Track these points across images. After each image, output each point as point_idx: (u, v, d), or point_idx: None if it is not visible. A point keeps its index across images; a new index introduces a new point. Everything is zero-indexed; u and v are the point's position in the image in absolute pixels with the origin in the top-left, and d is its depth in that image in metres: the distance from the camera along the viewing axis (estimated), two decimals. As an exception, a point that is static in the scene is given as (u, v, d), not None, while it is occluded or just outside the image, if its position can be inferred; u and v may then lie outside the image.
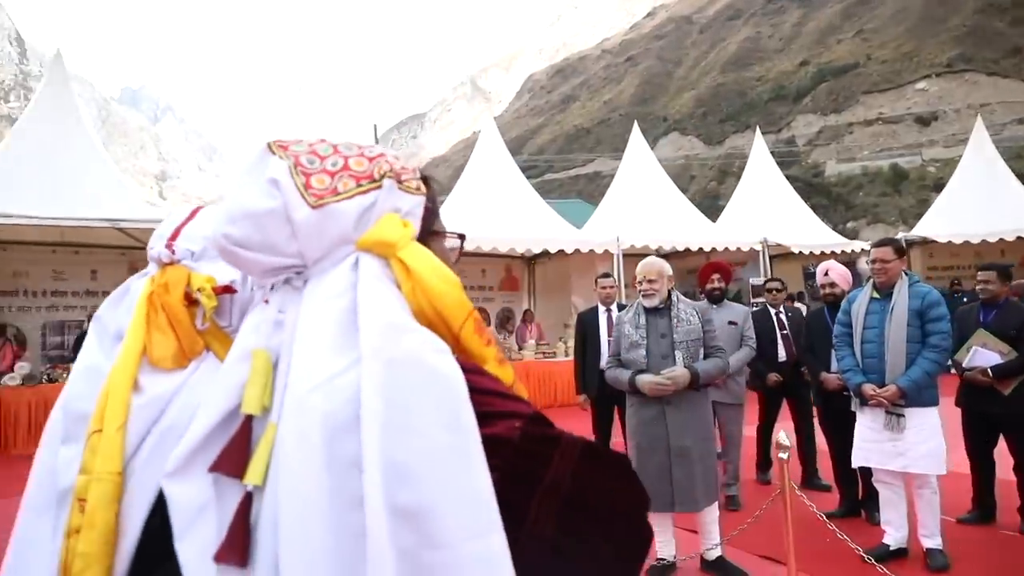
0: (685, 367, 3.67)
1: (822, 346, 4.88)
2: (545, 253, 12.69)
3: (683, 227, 12.87)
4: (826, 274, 5.03)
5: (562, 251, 11.73)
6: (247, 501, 0.76)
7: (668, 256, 14.28)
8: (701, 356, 3.79)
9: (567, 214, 14.86)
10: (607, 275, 6.12)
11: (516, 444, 0.78)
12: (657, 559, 3.94)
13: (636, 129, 14.39)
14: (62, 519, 0.91)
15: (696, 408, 3.76)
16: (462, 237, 1.05)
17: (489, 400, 0.80)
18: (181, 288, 1.04)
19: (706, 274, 5.49)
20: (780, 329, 5.74)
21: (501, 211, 11.94)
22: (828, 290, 5.04)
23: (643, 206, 12.89)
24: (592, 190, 59.86)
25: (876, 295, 4.17)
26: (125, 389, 0.95)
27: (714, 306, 5.27)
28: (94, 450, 0.91)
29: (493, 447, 0.75)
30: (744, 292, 12.68)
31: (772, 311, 5.85)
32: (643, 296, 3.91)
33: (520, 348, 11.86)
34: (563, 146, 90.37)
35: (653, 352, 3.80)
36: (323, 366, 0.75)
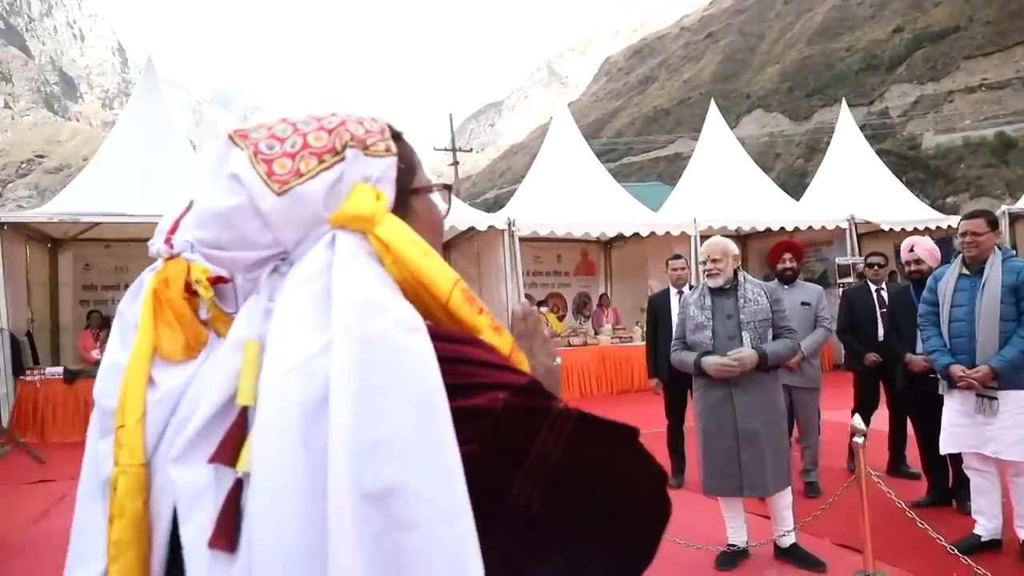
0: (752, 348, 3.56)
1: (907, 326, 4.63)
2: (621, 237, 12.53)
3: (764, 206, 12.45)
4: (911, 250, 4.76)
5: (637, 234, 11.54)
6: (237, 487, 0.76)
7: (748, 237, 13.88)
8: (770, 337, 3.67)
9: (646, 197, 14.62)
10: (678, 256, 5.98)
11: (498, 416, 0.75)
12: (728, 545, 3.86)
13: (713, 107, 13.96)
14: (106, 507, 0.95)
15: (765, 391, 3.64)
16: (448, 188, 1.00)
17: (476, 371, 0.78)
18: (181, 281, 1.04)
19: (776, 253, 5.29)
20: (880, 307, 5.43)
21: (576, 196, 11.86)
22: (914, 267, 4.77)
23: (722, 186, 12.53)
24: (672, 172, 58.51)
25: (965, 271, 3.92)
26: (139, 385, 0.97)
27: (785, 286, 5.08)
28: (120, 444, 0.94)
29: (473, 419, 0.73)
30: (831, 272, 12.14)
31: (872, 287, 5.56)
32: (707, 276, 3.82)
33: (596, 333, 11.79)
34: (642, 128, 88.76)
35: (719, 333, 3.71)
36: (300, 347, 0.74)
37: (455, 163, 27.26)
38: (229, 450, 0.78)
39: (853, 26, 79.57)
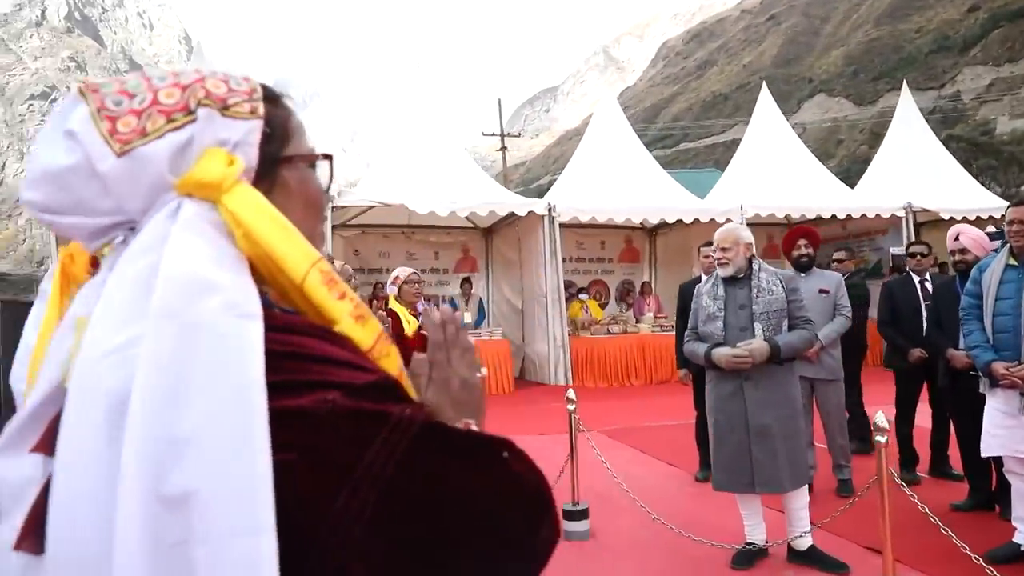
0: (765, 340, 3.40)
1: (951, 320, 4.35)
2: (666, 224, 12.28)
3: (815, 193, 12.00)
4: (956, 238, 4.48)
5: (681, 221, 11.28)
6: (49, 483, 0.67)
7: (800, 224, 13.41)
8: (785, 328, 3.49)
9: (700, 184, 14.26)
10: (710, 243, 5.78)
11: (322, 419, 0.65)
12: (745, 543, 3.72)
13: (765, 91, 13.48)
14: None
15: (779, 384, 3.48)
16: (328, 157, 0.90)
17: (311, 367, 0.69)
18: (86, 255, 0.97)
19: (791, 240, 5.05)
20: (924, 299, 5.15)
21: (619, 182, 11.65)
22: (959, 257, 4.48)
23: (772, 173, 12.12)
24: (729, 158, 57.02)
25: (1013, 262, 3.66)
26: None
27: (802, 274, 4.85)
28: None
29: (294, 422, 0.64)
30: (884, 263, 11.65)
31: (916, 279, 5.27)
32: (718, 265, 3.68)
33: (637, 321, 11.60)
34: (699, 114, 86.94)
35: (731, 324, 3.56)
36: (117, 331, 0.66)
37: (503, 148, 27.16)
38: (51, 440, 0.69)
39: (924, 6, 76.06)
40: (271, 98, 0.84)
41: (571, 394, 4.48)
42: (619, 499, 4.43)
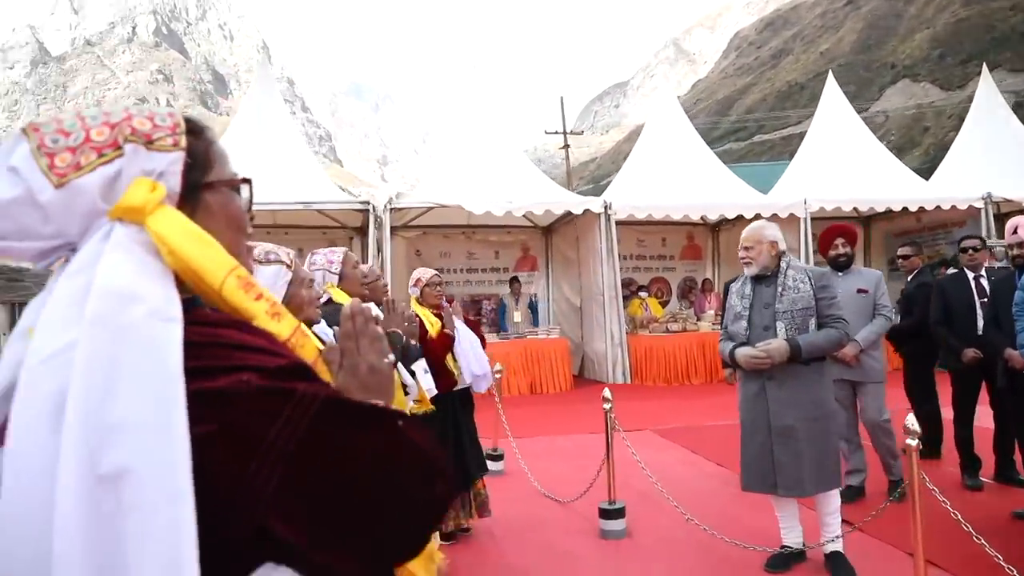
0: (786, 339, 3.33)
1: (1009, 317, 4.14)
2: (727, 220, 12.02)
3: (886, 185, 11.51)
4: (1015, 231, 4.24)
5: (741, 216, 11.03)
6: None
7: (871, 219, 12.92)
8: (813, 327, 3.41)
9: (773, 177, 13.86)
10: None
11: (238, 397, 0.75)
12: (781, 547, 3.65)
13: (831, 79, 13.01)
14: None
15: (804, 384, 3.39)
16: (246, 181, 1.00)
17: (228, 353, 0.79)
18: None
19: (828, 239, 4.88)
20: (979, 296, 4.92)
21: (678, 178, 11.49)
22: (1017, 251, 4.24)
23: (839, 164, 11.69)
24: (805, 150, 55.11)
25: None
26: None
27: (840, 273, 4.69)
28: None
29: (212, 401, 0.74)
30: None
31: (970, 275, 5.04)
32: (744, 264, 3.63)
33: (698, 319, 11.42)
34: (774, 104, 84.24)
35: (755, 323, 3.51)
36: (55, 338, 0.76)
37: (566, 146, 27.08)
38: (2, 434, 0.81)
39: (1019, -18, 71.49)
40: (194, 131, 0.95)
41: (607, 393, 4.49)
42: (660, 498, 4.41)
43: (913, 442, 2.91)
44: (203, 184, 0.93)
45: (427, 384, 3.79)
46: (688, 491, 4.97)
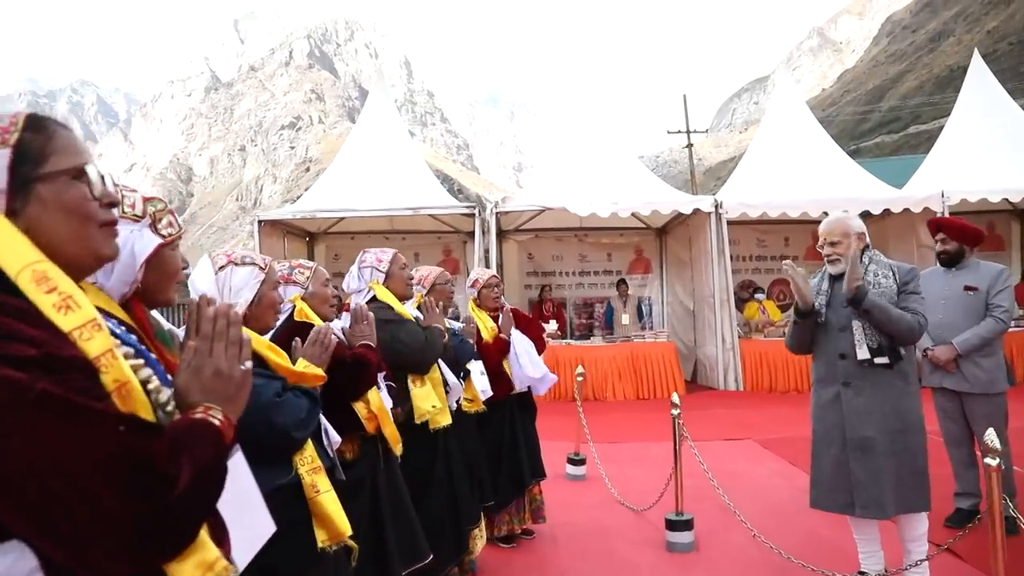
0: (857, 287, 3.05)
1: None
2: (862, 216, 11.16)
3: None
4: None
5: (869, 213, 10.18)
6: None
7: (939, 217, 11.51)
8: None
9: (911, 171, 12.75)
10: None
11: None
12: (858, 572, 3.33)
13: (977, 59, 11.75)
14: None
15: (884, 393, 3.06)
16: (80, 171, 1.03)
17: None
18: None
19: (931, 234, 4.36)
20: None
21: (799, 174, 10.80)
22: None
23: (985, 153, 10.51)
24: (967, 140, 50.15)
25: None
26: None
27: (952, 269, 4.17)
28: None
29: None
30: None
31: None
32: (828, 262, 3.32)
33: (821, 324, 10.67)
34: (933, 91, 77.49)
35: (831, 323, 3.23)
36: None
37: (689, 145, 26.20)
38: None
39: None
40: (34, 127, 1.00)
41: (675, 398, 4.28)
42: (735, 512, 4.15)
43: (993, 462, 2.55)
44: (36, 176, 0.98)
45: (481, 386, 3.76)
46: (772, 505, 4.66)
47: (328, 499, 1.95)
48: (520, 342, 4.05)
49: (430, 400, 3.08)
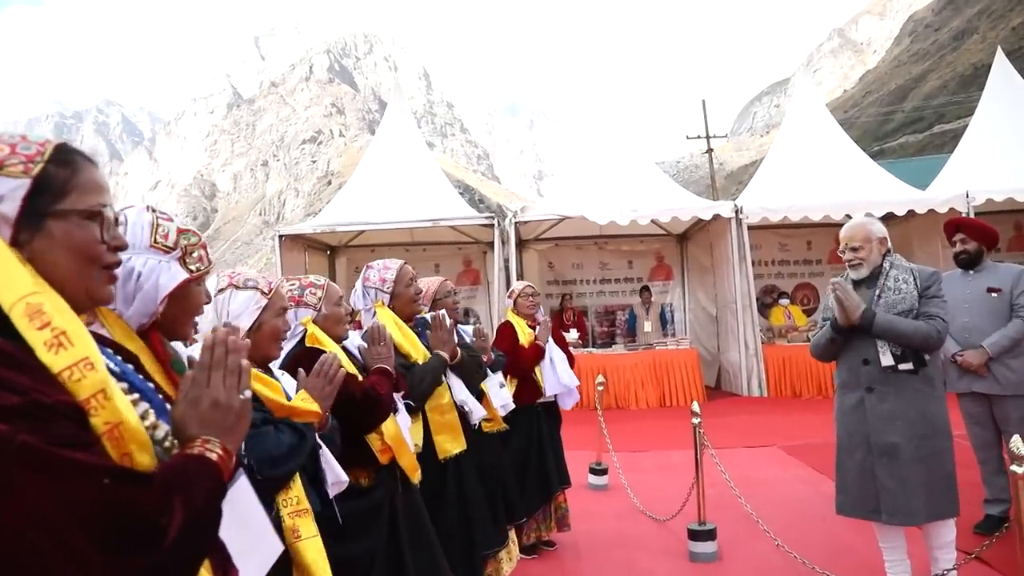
0: (865, 307, 3.05)
1: None
2: (882, 220, 11.01)
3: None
4: None
5: (892, 215, 10.06)
6: None
7: (958, 216, 11.28)
8: None
9: (935, 172, 12.57)
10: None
11: None
12: (886, 581, 3.27)
13: (1000, 55, 11.57)
14: None
15: (908, 399, 3.01)
16: (96, 214, 1.01)
17: None
18: None
19: (947, 235, 4.28)
20: None
21: (819, 177, 10.69)
22: None
23: (1009, 151, 10.33)
24: (994, 138, 49.25)
25: None
26: None
27: (971, 272, 4.10)
28: None
29: None
30: None
31: None
32: (849, 267, 3.28)
33: (846, 328, 10.53)
34: (957, 90, 76.40)
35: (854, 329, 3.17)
36: None
37: (709, 150, 26.06)
38: None
39: None
40: (61, 160, 1.00)
41: (695, 407, 4.25)
42: (757, 521, 4.11)
43: (1020, 469, 2.50)
44: (50, 212, 0.97)
45: (500, 400, 3.60)
46: (796, 512, 4.60)
47: (310, 546, 1.75)
48: (556, 351, 4.17)
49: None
